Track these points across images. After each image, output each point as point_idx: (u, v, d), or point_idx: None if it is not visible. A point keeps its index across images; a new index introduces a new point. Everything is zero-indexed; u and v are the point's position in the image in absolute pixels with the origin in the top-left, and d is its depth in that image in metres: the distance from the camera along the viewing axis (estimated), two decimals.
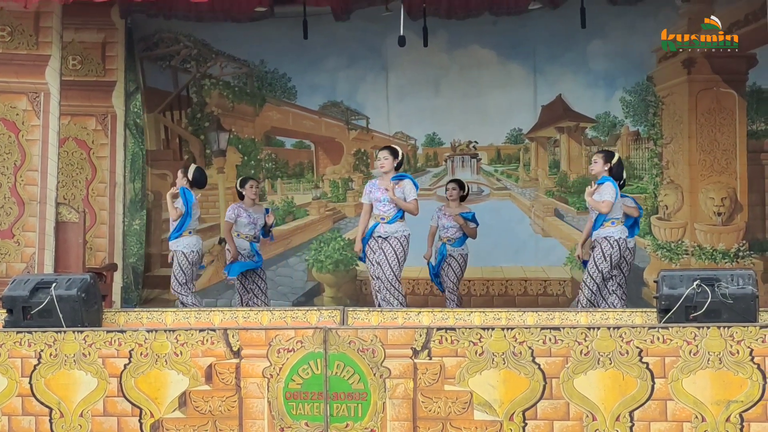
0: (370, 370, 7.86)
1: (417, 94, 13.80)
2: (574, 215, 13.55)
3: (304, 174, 14.31)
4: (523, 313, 8.96)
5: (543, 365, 7.69)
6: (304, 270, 14.04)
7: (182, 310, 9.53)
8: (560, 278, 13.41)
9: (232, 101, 14.13)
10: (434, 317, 8.94)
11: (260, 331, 8.16)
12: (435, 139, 14.11)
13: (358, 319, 9.02)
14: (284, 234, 14.09)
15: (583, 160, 13.61)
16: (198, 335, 8.11)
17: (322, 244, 14.04)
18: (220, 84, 14.13)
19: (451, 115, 13.88)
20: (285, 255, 14.11)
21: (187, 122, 14.20)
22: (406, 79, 13.79)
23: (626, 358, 7.59)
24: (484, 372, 7.76)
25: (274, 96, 14.09)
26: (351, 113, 14.11)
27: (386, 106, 13.94)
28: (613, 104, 13.39)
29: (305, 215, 14.23)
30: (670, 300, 8.05)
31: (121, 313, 9.54)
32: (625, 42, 13.21)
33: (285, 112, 14.21)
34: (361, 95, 14.00)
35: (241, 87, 14.15)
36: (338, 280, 13.91)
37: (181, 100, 14.22)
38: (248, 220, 11.67)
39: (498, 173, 14.03)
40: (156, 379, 8.11)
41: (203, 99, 14.16)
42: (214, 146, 14.22)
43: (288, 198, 14.24)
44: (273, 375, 7.99)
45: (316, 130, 14.27)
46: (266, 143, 14.25)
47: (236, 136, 14.18)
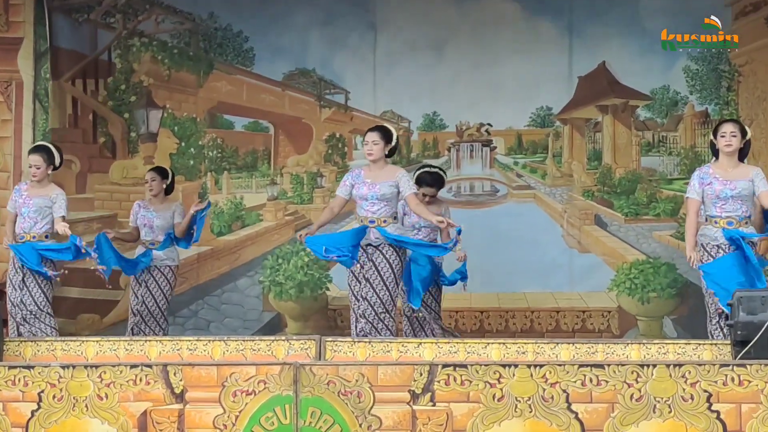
0: (354, 419, 8.00)
1: (413, 62, 13.96)
2: (621, 223, 13.71)
3: (258, 166, 14.47)
4: (556, 345, 9.07)
5: (581, 414, 7.85)
6: (258, 296, 14.18)
7: (108, 340, 9.62)
8: (603, 308, 13.52)
9: (168, 67, 14.24)
10: (439, 350, 9.03)
11: (211, 367, 8.27)
12: (435, 121, 14.25)
13: (339, 353, 9.11)
14: (230, 246, 14.25)
15: (632, 150, 13.78)
16: (129, 372, 8.22)
17: (280, 261, 14.12)
18: (153, 44, 14.22)
19: (457, 89, 14.02)
20: (232, 275, 14.23)
21: (106, 95, 14.30)
22: (400, 42, 13.97)
23: (691, 405, 7.75)
24: (504, 423, 7.90)
25: (225, 61, 14.23)
26: (325, 85, 14.25)
27: (372, 77, 14.09)
28: (674, 76, 13.59)
29: (258, 221, 14.36)
30: (748, 329, 8.17)
31: (27, 343, 9.60)
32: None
33: (238, 82, 14.36)
34: (340, 62, 14.16)
35: (181, 48, 14.28)
36: (304, 311, 14.02)
37: (100, 66, 14.31)
38: (142, 221, 12.08)
39: (519, 167, 14.20)
40: (73, 431, 8.20)
41: (130, 65, 14.26)
42: (142, 128, 14.33)
43: (236, 198, 14.37)
44: (227, 426, 8.10)
45: (278, 108, 14.43)
46: (210, 124, 14.42)
47: (171, 114, 14.30)
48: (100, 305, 13.85)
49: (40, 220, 10.99)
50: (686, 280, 13.34)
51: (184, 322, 13.63)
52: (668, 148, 13.77)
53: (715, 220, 9.91)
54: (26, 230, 10.97)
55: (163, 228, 12.01)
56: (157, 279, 11.93)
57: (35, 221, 10.98)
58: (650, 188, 13.70)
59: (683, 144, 13.71)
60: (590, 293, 13.59)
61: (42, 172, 11.06)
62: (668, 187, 13.68)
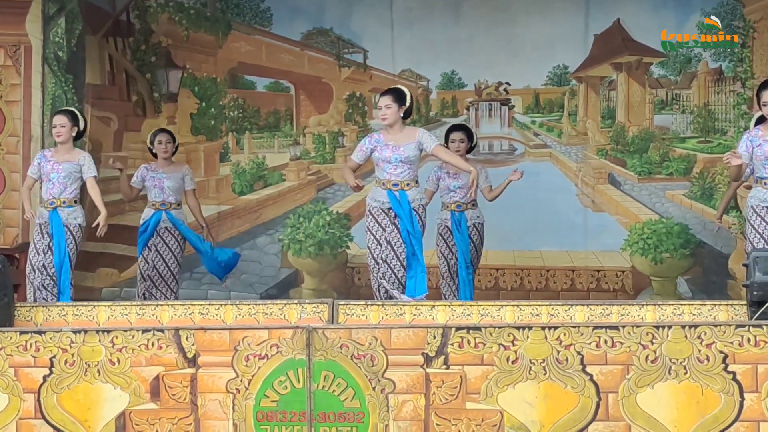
0: (368, 382, 7.92)
1: (431, 21, 13.88)
2: (635, 182, 13.69)
3: (280, 126, 14.43)
4: (570, 307, 9.05)
5: (596, 376, 7.77)
6: (277, 253, 14.17)
7: (119, 305, 9.60)
8: (618, 267, 13.52)
9: (186, 28, 14.17)
10: (452, 313, 8.99)
11: (223, 331, 8.21)
12: (453, 80, 14.20)
13: (351, 316, 9.11)
14: (252, 206, 14.25)
15: (646, 108, 13.73)
16: (141, 337, 8.15)
17: (301, 220, 14.10)
18: (170, 5, 14.15)
19: (475, 48, 13.96)
20: (252, 233, 14.24)
21: (130, 55, 14.25)
22: (418, 1, 13.87)
23: (706, 367, 7.66)
24: (518, 385, 7.82)
25: (243, 21, 14.17)
26: (343, 45, 14.21)
27: (390, 36, 14.01)
28: (689, 32, 13.32)
29: (280, 181, 14.35)
30: (765, 289, 8.12)
31: (39, 308, 9.59)
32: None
33: (257, 42, 14.30)
34: (358, 21, 14.11)
35: (198, 9, 14.20)
36: (322, 268, 14.01)
37: (121, 26, 14.24)
38: (152, 183, 12.01)
39: (536, 125, 14.17)
40: (86, 396, 8.15)
41: (148, 25, 14.20)
42: (163, 88, 14.31)
43: (258, 158, 14.36)
44: (240, 390, 8.04)
45: (297, 67, 14.35)
46: (231, 84, 14.37)
47: (192, 75, 14.26)
48: (118, 260, 13.88)
49: (70, 185, 10.95)
50: (699, 240, 13.42)
51: (201, 278, 13.58)
52: (681, 106, 13.73)
53: (765, 181, 9.80)
54: (55, 196, 10.90)
55: (174, 189, 11.98)
56: (168, 242, 11.91)
57: (65, 186, 10.93)
58: (663, 147, 13.68)
59: (696, 102, 13.66)
60: (604, 253, 13.58)
61: (66, 132, 11.01)
62: (681, 146, 13.65)
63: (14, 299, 9.34)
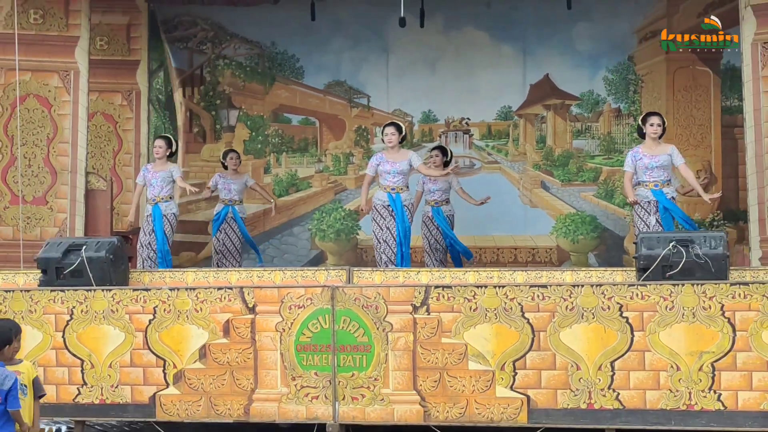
0: (373, 324, 8.02)
1: (415, 74, 13.81)
2: (559, 187, 13.56)
3: (308, 149, 14.28)
4: (514, 272, 8.99)
5: (532, 320, 7.83)
6: (307, 239, 14.04)
7: (202, 270, 9.63)
8: (547, 246, 13.40)
9: (243, 80, 14.12)
10: (432, 276, 8.98)
11: (273, 289, 8.30)
12: (430, 116, 14.07)
13: (362, 278, 9.07)
14: (288, 205, 14.10)
15: (567, 136, 13.63)
16: (216, 293, 8.26)
17: (324, 215, 14.01)
18: (233, 64, 14.12)
19: (445, 93, 13.86)
20: (290, 224, 14.10)
21: (199, 98, 14.20)
22: (406, 60, 13.80)
23: (608, 313, 7.73)
24: (477, 326, 7.89)
25: (283, 75, 14.10)
26: (353, 92, 14.11)
27: (386, 85, 13.95)
28: (597, 83, 13.46)
29: (308, 187, 14.19)
30: (648, 260, 8.11)
31: (145, 272, 9.63)
32: (608, 24, 13.26)
33: (293, 90, 14.22)
34: (364, 75, 14.01)
35: (252, 67, 14.15)
36: (340, 249, 13.88)
37: (194, 79, 14.23)
38: (223, 186, 11.98)
39: (489, 148, 14.01)
40: (178, 333, 8.26)
41: (216, 78, 14.15)
42: (224, 122, 14.23)
43: (292, 171, 14.22)
44: (285, 329, 8.13)
45: (321, 108, 14.25)
46: (274, 120, 14.25)
47: (245, 113, 14.18)
48: (195, 245, 13.82)
49: (164, 187, 11.01)
50: (603, 227, 13.30)
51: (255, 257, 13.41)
52: (592, 134, 13.61)
53: (646, 183, 9.79)
54: (156, 195, 10.99)
55: (238, 191, 11.96)
56: (233, 227, 11.88)
57: (161, 188, 10.99)
58: (579, 162, 13.56)
59: (602, 131, 13.55)
60: (538, 236, 13.49)
61: (163, 151, 11.12)
62: (592, 161, 13.53)
63: (129, 267, 9.39)
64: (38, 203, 11.03)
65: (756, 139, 10.34)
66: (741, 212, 12.22)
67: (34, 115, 11.12)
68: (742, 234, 12.21)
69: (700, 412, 7.61)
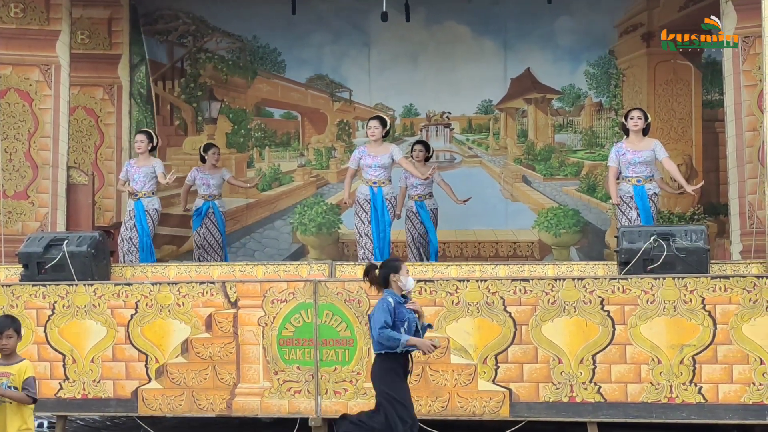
0: (356, 318, 8.08)
1: (396, 68, 13.76)
2: (541, 181, 13.55)
3: (291, 143, 14.24)
4: (496, 266, 9.04)
5: (513, 313, 7.89)
6: (289, 233, 14.01)
7: (184, 264, 9.64)
8: (528, 240, 13.36)
9: (225, 74, 14.09)
10: (414, 270, 8.93)
11: (256, 283, 8.34)
12: (412, 110, 14.03)
13: (345, 273, 9.11)
14: (270, 199, 14.08)
15: (549, 130, 13.61)
16: (198, 287, 8.30)
17: (305, 208, 13.98)
18: (215, 57, 14.07)
19: (427, 87, 13.81)
20: (271, 218, 14.09)
21: (179, 91, 14.15)
22: (387, 54, 13.76)
23: (589, 307, 7.80)
24: (460, 320, 7.96)
25: (265, 69, 14.05)
26: (335, 86, 14.06)
27: (368, 80, 13.91)
28: (578, 77, 13.43)
29: (290, 181, 14.15)
30: (629, 253, 8.16)
31: (127, 267, 9.64)
32: (589, 18, 13.24)
33: (274, 84, 14.17)
34: (345, 69, 13.96)
35: (234, 60, 14.10)
36: (321, 243, 13.86)
37: (175, 71, 14.18)
38: (201, 181, 12.00)
39: (469, 142, 13.98)
40: (160, 328, 8.30)
41: (197, 71, 14.10)
42: (206, 114, 14.20)
43: (275, 165, 14.18)
44: (267, 323, 8.17)
45: (303, 102, 14.21)
46: (256, 114, 14.22)
47: (227, 106, 14.14)
48: (176, 239, 13.78)
49: (147, 183, 11.06)
50: (585, 221, 13.29)
51: (237, 251, 13.53)
52: (573, 129, 13.57)
53: (628, 179, 9.83)
54: (138, 189, 11.04)
55: (216, 185, 12.02)
56: (214, 222, 11.90)
57: (144, 183, 11.04)
58: (561, 156, 13.53)
59: (584, 125, 13.52)
60: (519, 230, 13.46)
61: (144, 146, 11.18)
62: (573, 156, 13.51)
63: (110, 261, 9.39)
64: (19, 198, 10.97)
65: (737, 133, 10.38)
66: (721, 206, 12.26)
67: (15, 109, 11.06)
68: (723, 228, 12.25)
69: (681, 405, 7.67)
